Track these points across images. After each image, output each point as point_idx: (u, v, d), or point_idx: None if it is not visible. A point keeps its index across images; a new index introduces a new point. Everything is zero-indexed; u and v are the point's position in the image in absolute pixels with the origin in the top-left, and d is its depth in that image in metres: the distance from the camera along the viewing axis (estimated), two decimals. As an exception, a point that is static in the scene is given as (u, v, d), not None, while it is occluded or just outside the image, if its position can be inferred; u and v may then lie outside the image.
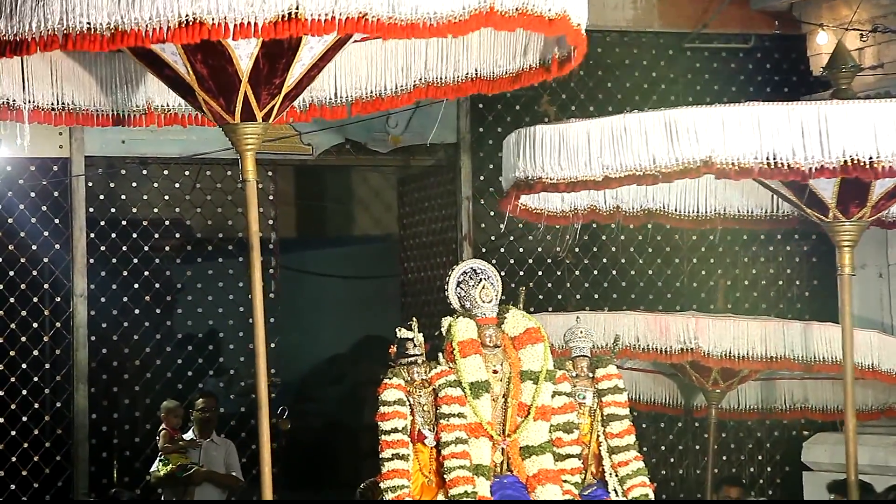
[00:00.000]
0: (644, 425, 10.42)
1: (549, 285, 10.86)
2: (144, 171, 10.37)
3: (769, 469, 11.17)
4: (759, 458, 11.19)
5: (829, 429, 10.79)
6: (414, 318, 7.44)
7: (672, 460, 11.01)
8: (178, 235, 10.70)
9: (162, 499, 9.81)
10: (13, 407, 9.77)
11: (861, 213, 7.50)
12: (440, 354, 7.36)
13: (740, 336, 8.58)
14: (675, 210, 8.64)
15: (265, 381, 6.81)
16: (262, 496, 6.71)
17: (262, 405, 6.73)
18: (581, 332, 7.76)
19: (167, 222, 10.54)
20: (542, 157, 7.41)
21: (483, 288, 7.45)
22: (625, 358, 8.39)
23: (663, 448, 10.97)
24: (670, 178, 7.03)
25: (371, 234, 13.55)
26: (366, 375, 12.50)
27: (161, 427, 9.96)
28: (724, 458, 11.04)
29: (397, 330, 7.38)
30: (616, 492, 7.43)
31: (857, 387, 9.09)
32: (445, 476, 7.10)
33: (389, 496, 7.04)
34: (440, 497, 7.09)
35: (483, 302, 7.43)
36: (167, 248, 10.66)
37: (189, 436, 10.02)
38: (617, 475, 7.47)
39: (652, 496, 7.42)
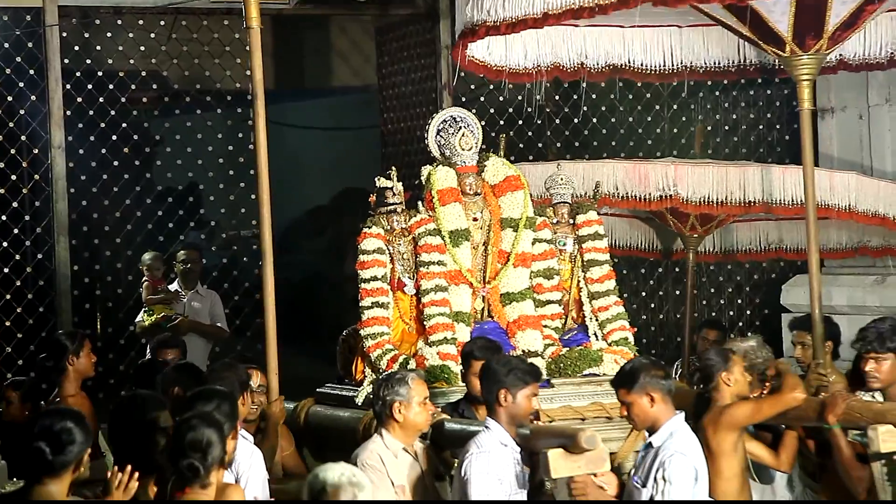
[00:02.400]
0: (624, 271, 10.50)
1: (530, 134, 10.84)
2: (119, 21, 10.22)
3: (748, 312, 11.29)
4: (739, 301, 11.30)
5: (806, 270, 10.89)
6: (393, 167, 7.43)
7: (653, 305, 11.12)
8: (154, 87, 10.60)
9: (146, 345, 9.88)
10: (-5, 259, 9.79)
11: (818, 45, 7.44)
12: (420, 203, 7.37)
13: (719, 182, 8.60)
14: (641, 65, 8.57)
15: (269, 231, 6.79)
16: (266, 349, 6.73)
17: (266, 261, 6.71)
18: (562, 179, 7.78)
19: (143, 73, 10.43)
20: (487, 0, 7.32)
21: (463, 136, 7.44)
22: (603, 206, 8.40)
23: (644, 294, 11.07)
24: (606, 9, 6.90)
25: (350, 84, 13.43)
26: (346, 227, 12.55)
27: (144, 279, 10.01)
28: (704, 302, 11.15)
29: (376, 179, 7.38)
30: (596, 336, 7.52)
31: (831, 226, 9.20)
32: (425, 323, 7.18)
33: (370, 343, 7.11)
34: (419, 343, 7.17)
35: (463, 150, 7.42)
36: (144, 100, 10.58)
37: (174, 287, 10.08)
38: (597, 320, 7.56)
39: (632, 340, 7.51)
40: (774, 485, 6.79)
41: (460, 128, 7.45)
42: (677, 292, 10.98)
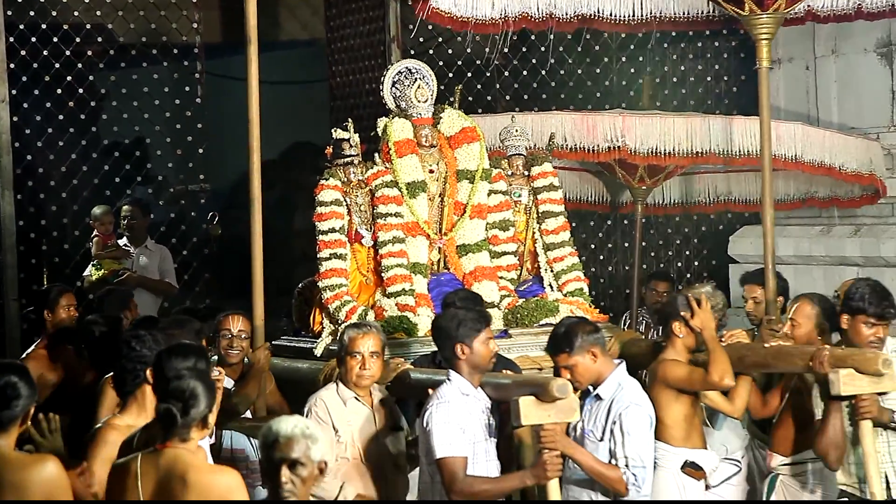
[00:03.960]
0: (573, 224, 10.52)
1: (479, 87, 10.82)
2: (63, -27, 10.09)
3: (696, 263, 11.38)
4: (687, 253, 11.38)
5: (755, 221, 11.00)
6: (349, 119, 7.41)
7: (602, 258, 11.18)
8: (100, 40, 10.47)
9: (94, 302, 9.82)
10: (-62, 214, 9.66)
11: (776, 4, 7.51)
12: (376, 155, 7.36)
13: (666, 133, 8.65)
14: (610, 14, 8.58)
15: (258, 180, 6.74)
16: (253, 296, 6.70)
17: (255, 209, 6.67)
18: (517, 131, 7.80)
19: (88, 26, 10.30)
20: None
21: (419, 88, 7.43)
22: (553, 158, 8.42)
23: (593, 246, 11.11)
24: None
25: (298, 38, 13.34)
26: (296, 181, 12.49)
27: (94, 233, 9.93)
28: (653, 254, 11.23)
29: (333, 131, 7.37)
30: (551, 287, 7.57)
31: (779, 178, 9.28)
32: (383, 275, 7.19)
33: (328, 294, 7.11)
34: (377, 295, 7.18)
35: (418, 102, 7.41)
36: (90, 53, 10.44)
37: (123, 242, 10.01)
38: (552, 270, 7.60)
39: (586, 290, 7.57)
40: (724, 431, 6.85)
41: (416, 80, 7.44)
42: (626, 245, 11.05)
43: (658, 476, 6.34)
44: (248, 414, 6.56)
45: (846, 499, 6.10)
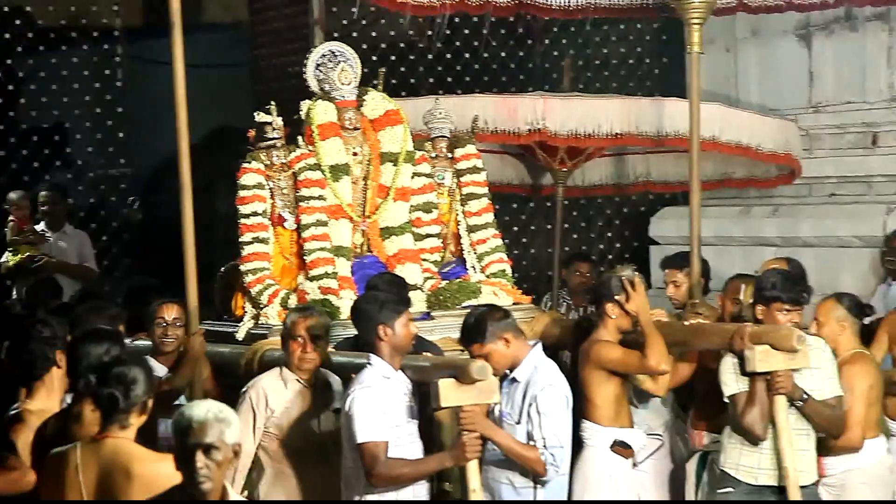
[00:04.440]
0: (497, 206, 10.56)
1: (403, 70, 10.83)
2: (-20, -45, 9.97)
3: (618, 245, 11.48)
4: (609, 234, 11.48)
5: (675, 203, 11.11)
6: (272, 102, 7.38)
7: (524, 240, 11.24)
8: (18, 23, 10.35)
9: (13, 289, 9.71)
10: None
11: (710, -9, 7.61)
12: (299, 138, 7.34)
13: (586, 115, 8.68)
14: (548, 0, 8.58)
15: (187, 164, 6.68)
16: (186, 282, 6.64)
17: (185, 195, 6.61)
18: (440, 113, 7.81)
19: (6, 9, 10.18)
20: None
21: (342, 70, 7.41)
22: (476, 140, 8.44)
23: (515, 229, 11.17)
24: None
25: (220, 21, 13.25)
26: (219, 165, 12.40)
27: (9, 218, 9.82)
28: (575, 236, 11.31)
29: (256, 114, 7.32)
30: (474, 268, 7.60)
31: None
32: (306, 258, 7.17)
33: (250, 278, 7.09)
34: (300, 278, 7.17)
35: (342, 84, 7.39)
36: (7, 36, 10.32)
37: (41, 227, 9.90)
38: (475, 252, 7.63)
39: (509, 271, 7.61)
40: (649, 408, 6.92)
41: (339, 62, 7.41)
42: (548, 227, 11.11)
43: (587, 455, 6.44)
44: (183, 400, 6.53)
45: (730, 488, 6.18)
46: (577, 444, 6.35)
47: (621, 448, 6.47)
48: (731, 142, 9.03)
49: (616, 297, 6.42)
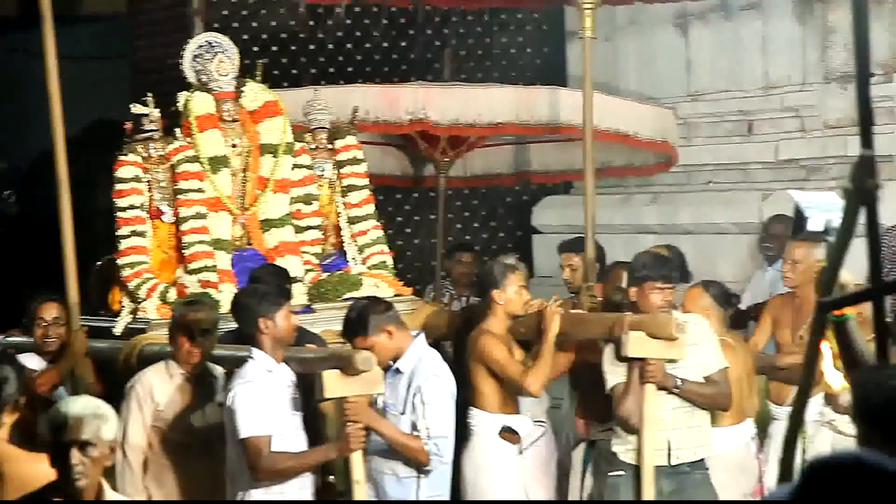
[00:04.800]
0: (380, 197, 10.56)
1: (285, 61, 10.77)
2: None
3: (502, 234, 11.54)
4: (493, 224, 11.54)
5: (557, 192, 11.21)
6: (149, 94, 7.30)
7: (408, 231, 11.25)
8: None
9: None
10: None
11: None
12: (177, 130, 7.27)
13: (468, 104, 8.69)
14: None
15: (65, 167, 6.57)
16: (66, 280, 6.52)
17: (63, 190, 6.48)
18: (320, 104, 7.78)
19: None
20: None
21: (220, 62, 7.35)
22: (357, 132, 8.42)
23: (399, 219, 11.17)
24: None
25: (99, 11, 13.05)
26: (97, 159, 12.22)
27: None
28: (459, 226, 11.34)
29: (133, 106, 7.24)
30: (355, 260, 7.60)
31: (577, 147, 9.46)
32: (185, 251, 7.11)
33: (128, 272, 7.01)
34: (179, 271, 7.10)
35: (220, 76, 7.34)
36: None
37: None
38: (356, 244, 7.63)
39: (391, 263, 7.62)
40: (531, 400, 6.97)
41: (217, 53, 7.35)
42: (432, 217, 11.12)
43: (475, 442, 6.50)
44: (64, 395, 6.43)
45: (621, 471, 6.27)
46: (464, 433, 6.42)
47: (509, 434, 6.53)
48: (611, 130, 9.10)
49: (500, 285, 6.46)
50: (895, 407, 3.54)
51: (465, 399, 6.56)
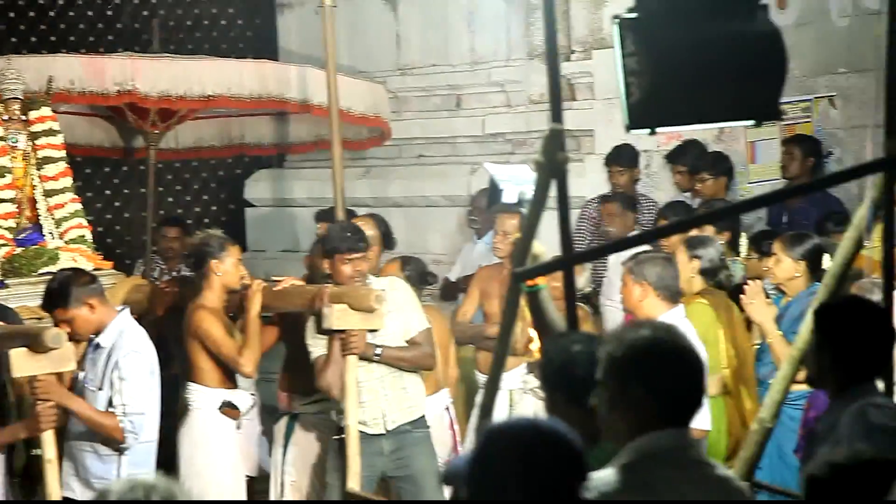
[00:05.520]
0: (88, 170, 10.29)
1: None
2: None
3: (214, 208, 11.39)
4: (205, 197, 11.37)
5: (270, 165, 11.14)
6: None
7: (117, 204, 10.98)
8: None
9: None
10: None
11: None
12: None
13: (178, 76, 8.54)
14: None
15: None
16: None
17: None
18: (12, 74, 7.49)
19: None
20: None
21: None
22: (61, 103, 8.15)
23: (108, 192, 10.90)
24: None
25: None
26: None
27: None
28: (171, 199, 11.14)
29: None
30: (52, 234, 7.37)
31: (290, 121, 9.45)
32: None
33: None
34: None
35: None
36: None
37: None
38: (53, 218, 7.40)
39: (89, 237, 7.43)
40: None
41: None
42: (142, 190, 10.89)
43: (194, 418, 6.43)
44: None
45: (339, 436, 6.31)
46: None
47: (229, 409, 6.48)
48: (324, 104, 9.08)
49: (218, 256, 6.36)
50: (576, 370, 3.64)
51: (184, 373, 6.50)
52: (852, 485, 2.76)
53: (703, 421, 5.51)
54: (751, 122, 4.71)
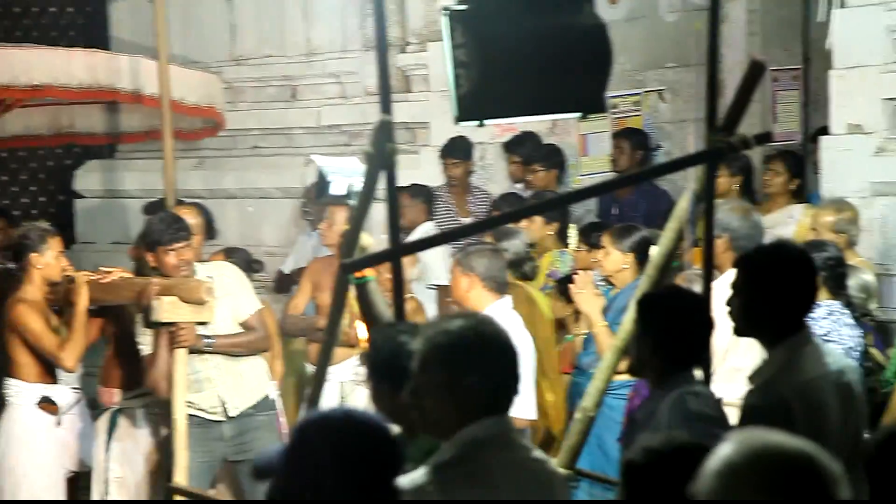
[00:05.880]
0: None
1: None
2: None
3: (43, 199, 11.15)
4: (34, 188, 11.13)
5: (99, 156, 10.94)
6: None
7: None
8: None
9: None
10: None
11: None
12: None
13: (4, 65, 8.33)
14: None
15: None
16: None
17: None
18: None
19: None
20: None
21: None
22: None
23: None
24: None
25: None
26: None
27: None
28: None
29: None
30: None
31: (122, 111, 9.27)
32: None
33: None
34: None
35: None
36: None
37: None
38: None
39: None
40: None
41: None
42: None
43: (12, 414, 6.35)
44: None
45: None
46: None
47: (48, 404, 6.38)
48: (156, 95, 8.94)
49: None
50: (400, 360, 3.64)
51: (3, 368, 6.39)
52: (666, 469, 2.81)
53: (528, 410, 5.57)
54: (577, 115, 4.78)
